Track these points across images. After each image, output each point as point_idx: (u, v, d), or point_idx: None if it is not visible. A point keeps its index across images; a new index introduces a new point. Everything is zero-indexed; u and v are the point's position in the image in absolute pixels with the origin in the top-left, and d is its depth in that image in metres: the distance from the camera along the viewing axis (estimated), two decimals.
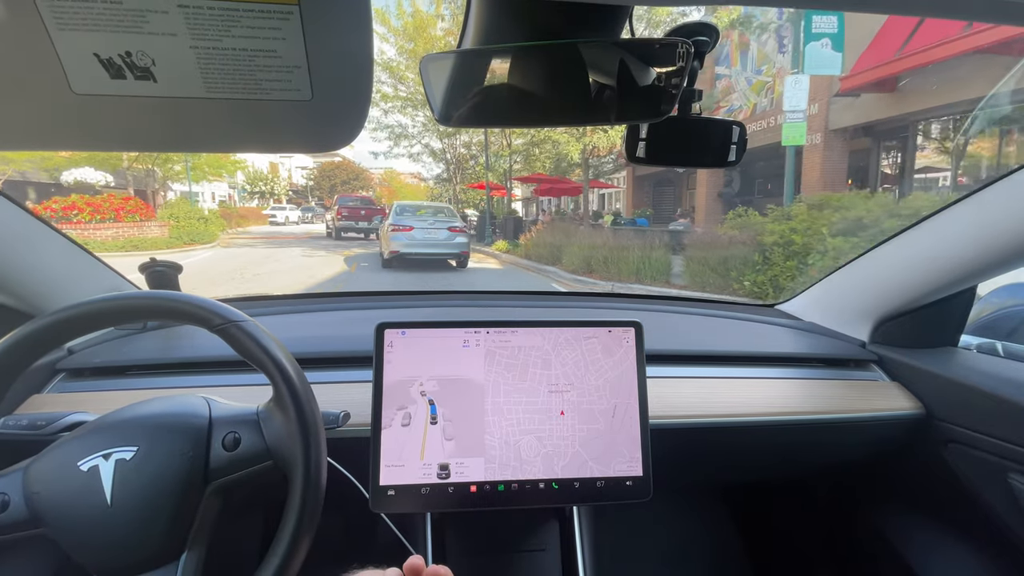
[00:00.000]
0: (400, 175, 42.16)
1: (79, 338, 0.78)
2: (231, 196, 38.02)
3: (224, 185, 35.91)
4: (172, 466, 0.54)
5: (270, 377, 0.56)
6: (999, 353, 1.02)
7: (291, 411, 0.55)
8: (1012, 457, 0.83)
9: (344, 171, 39.67)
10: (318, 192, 41.24)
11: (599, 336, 0.79)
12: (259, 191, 39.51)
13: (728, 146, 0.64)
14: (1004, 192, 0.80)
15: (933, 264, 0.93)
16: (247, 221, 24.22)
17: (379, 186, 41.58)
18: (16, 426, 0.67)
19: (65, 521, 0.52)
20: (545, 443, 0.76)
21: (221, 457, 0.56)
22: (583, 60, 0.48)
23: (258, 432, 0.57)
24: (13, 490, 0.53)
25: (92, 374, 0.90)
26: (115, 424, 0.56)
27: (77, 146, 0.47)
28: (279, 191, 40.52)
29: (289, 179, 45.45)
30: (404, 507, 0.73)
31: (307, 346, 0.95)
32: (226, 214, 20.23)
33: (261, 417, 0.58)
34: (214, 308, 0.57)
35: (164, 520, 0.53)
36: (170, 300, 0.57)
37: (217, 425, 0.57)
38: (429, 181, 23.66)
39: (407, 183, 39.50)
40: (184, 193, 28.98)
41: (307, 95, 0.39)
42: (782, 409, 0.94)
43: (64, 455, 0.54)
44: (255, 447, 0.56)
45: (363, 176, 40.67)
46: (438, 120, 0.51)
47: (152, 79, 0.37)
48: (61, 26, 0.33)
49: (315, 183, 41.80)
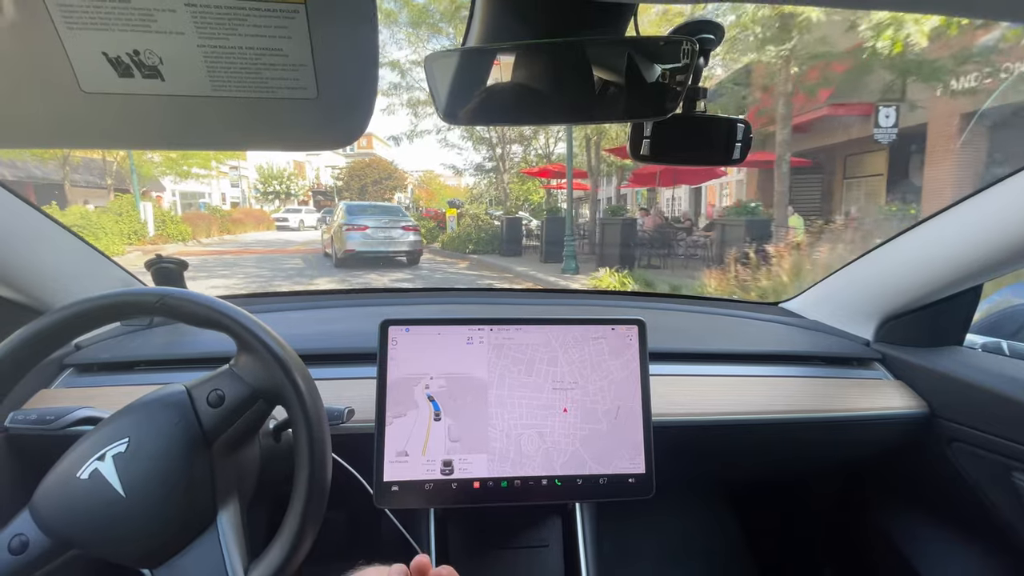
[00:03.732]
0: (439, 176, 38.23)
1: (86, 334, 0.79)
2: (244, 196, 34.11)
3: (245, 183, 33.54)
4: (168, 440, 0.54)
5: (224, 328, 0.57)
6: (1004, 352, 1.01)
7: (256, 347, 0.56)
8: (1017, 456, 0.82)
9: (375, 170, 35.17)
10: (347, 194, 37.01)
11: (607, 337, 0.80)
12: (273, 191, 34.36)
13: (733, 144, 0.63)
14: (1010, 191, 0.79)
15: (938, 262, 0.93)
16: (241, 227, 20.58)
17: (417, 188, 38.38)
18: (25, 421, 0.68)
19: (90, 531, 0.52)
20: (546, 439, 0.76)
21: (212, 416, 0.56)
22: (588, 58, 0.48)
23: (238, 380, 0.57)
24: (27, 528, 0.52)
25: (99, 369, 0.91)
26: (100, 429, 0.57)
27: (86, 144, 0.47)
28: (297, 191, 35.62)
29: (317, 179, 40.87)
30: (408, 503, 0.74)
31: (311, 342, 0.95)
32: (197, 219, 16.85)
33: (235, 367, 0.59)
34: (143, 291, 0.57)
35: (182, 491, 0.54)
36: (103, 298, 0.57)
37: (196, 390, 0.57)
38: (467, 171, 17.58)
39: (446, 184, 35.99)
40: (186, 193, 26.03)
41: (312, 93, 0.39)
42: (785, 407, 0.94)
43: (62, 475, 0.54)
44: (240, 394, 0.57)
45: (396, 175, 35.78)
46: (443, 118, 0.51)
47: (160, 78, 0.37)
48: (70, 25, 0.34)
49: (344, 183, 36.47)
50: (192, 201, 27.13)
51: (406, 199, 38.53)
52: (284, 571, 0.53)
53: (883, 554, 1.09)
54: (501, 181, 15.12)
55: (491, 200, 18.42)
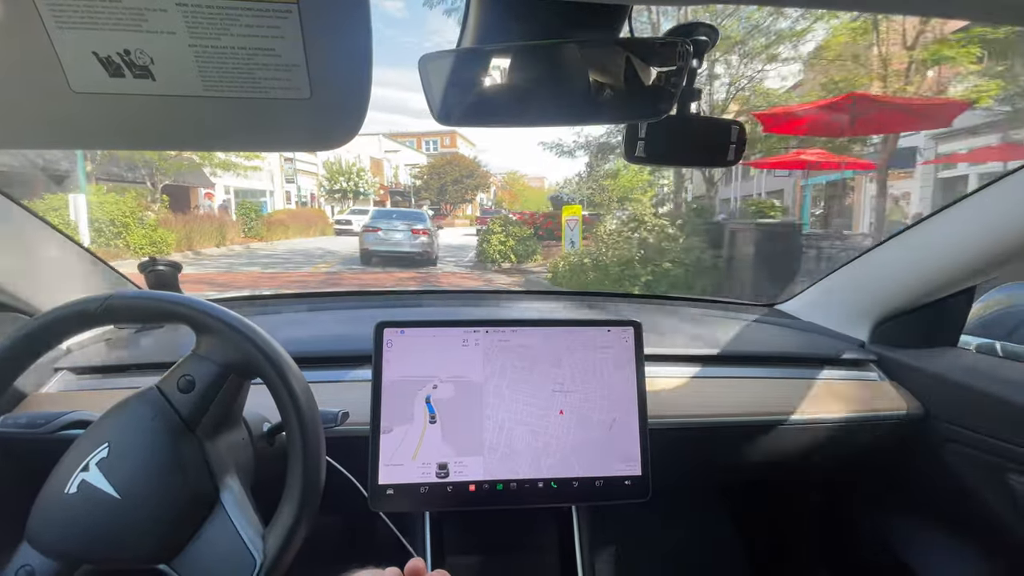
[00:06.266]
0: (522, 177, 35.22)
1: (77, 337, 0.78)
2: (313, 195, 28.91)
3: (311, 180, 28.22)
4: (149, 434, 0.54)
5: (177, 317, 0.57)
6: (998, 353, 1.02)
7: (212, 325, 0.56)
8: (1011, 457, 0.83)
9: (456, 168, 31.96)
10: (426, 193, 32.55)
11: (613, 346, 0.80)
12: (340, 189, 28.43)
13: (727, 146, 0.64)
14: (1003, 192, 0.80)
15: (932, 264, 0.93)
16: (282, 231, 16.35)
17: (500, 190, 36.04)
18: (15, 424, 0.67)
19: (94, 542, 0.51)
20: (539, 438, 0.76)
21: (186, 402, 0.56)
22: (583, 59, 0.48)
23: (203, 360, 0.57)
24: (30, 558, 0.51)
25: (91, 372, 0.90)
26: (78, 444, 0.56)
27: (76, 144, 0.47)
28: (367, 189, 29.31)
29: (395, 178, 36.53)
30: (403, 506, 0.73)
31: (305, 346, 0.95)
32: (200, 221, 13.49)
33: (197, 351, 0.58)
34: (85, 301, 0.56)
35: (177, 479, 0.53)
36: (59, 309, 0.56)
37: (165, 383, 0.57)
38: (579, 150, 12.33)
39: (529, 185, 33.56)
40: (244, 191, 20.81)
41: (306, 93, 0.39)
42: (781, 409, 0.94)
43: (50, 495, 0.53)
44: (209, 373, 0.56)
45: (478, 174, 32.40)
46: (437, 119, 0.51)
47: (151, 77, 0.37)
48: (60, 24, 0.33)
49: (423, 182, 33.02)
50: (254, 200, 22.51)
51: (488, 200, 36.09)
52: (297, 532, 0.53)
53: (878, 555, 1.10)
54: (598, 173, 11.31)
55: (583, 200, 13.39)
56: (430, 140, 43.03)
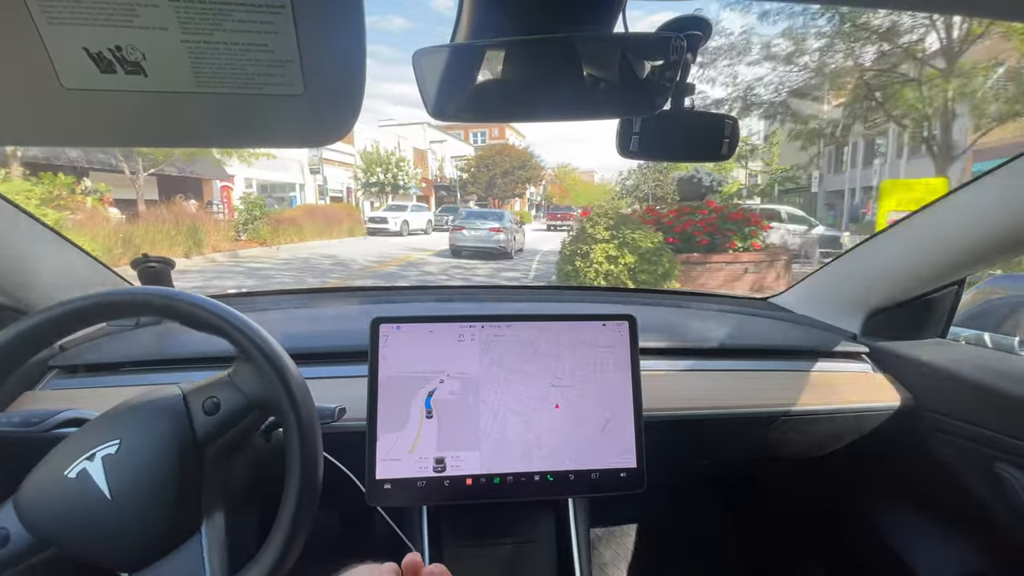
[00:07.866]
0: (574, 171, 32.65)
1: (71, 335, 0.78)
2: (350, 190, 24.83)
3: (346, 172, 24.35)
4: (160, 444, 0.54)
5: (226, 335, 0.56)
6: (986, 344, 1.03)
7: (257, 358, 0.55)
8: (998, 446, 0.84)
9: (506, 159, 29.28)
10: (473, 188, 29.71)
11: (614, 346, 0.80)
12: (376, 181, 24.28)
13: (721, 140, 0.64)
14: (993, 186, 0.81)
15: (923, 257, 0.94)
16: (296, 233, 13.22)
17: (550, 184, 33.90)
18: (9, 423, 0.67)
19: (72, 532, 0.51)
20: (532, 428, 0.77)
21: (206, 423, 0.56)
22: (576, 54, 0.48)
23: (234, 389, 0.57)
24: (9, 522, 0.51)
25: (85, 371, 0.90)
26: (91, 428, 0.56)
27: (67, 141, 0.46)
28: (407, 182, 25.08)
29: (440, 171, 32.72)
30: (400, 501, 0.74)
31: (302, 341, 0.95)
32: (176, 215, 10.05)
33: (233, 376, 0.58)
34: (159, 292, 0.56)
35: (171, 497, 0.53)
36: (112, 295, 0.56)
37: (192, 396, 0.57)
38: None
39: (580, 179, 31.20)
40: (269, 184, 18.09)
41: (299, 89, 0.39)
42: (774, 401, 0.95)
43: (49, 472, 0.53)
44: (236, 404, 0.56)
45: (530, 166, 29.68)
46: (431, 114, 0.51)
47: (143, 73, 0.36)
48: (50, 20, 0.33)
49: (470, 176, 29.88)
50: (283, 195, 19.78)
51: (538, 195, 34.06)
52: (298, 533, 0.53)
53: (870, 544, 1.11)
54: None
55: (649, 195, 11.18)
56: (478, 132, 41.19)
